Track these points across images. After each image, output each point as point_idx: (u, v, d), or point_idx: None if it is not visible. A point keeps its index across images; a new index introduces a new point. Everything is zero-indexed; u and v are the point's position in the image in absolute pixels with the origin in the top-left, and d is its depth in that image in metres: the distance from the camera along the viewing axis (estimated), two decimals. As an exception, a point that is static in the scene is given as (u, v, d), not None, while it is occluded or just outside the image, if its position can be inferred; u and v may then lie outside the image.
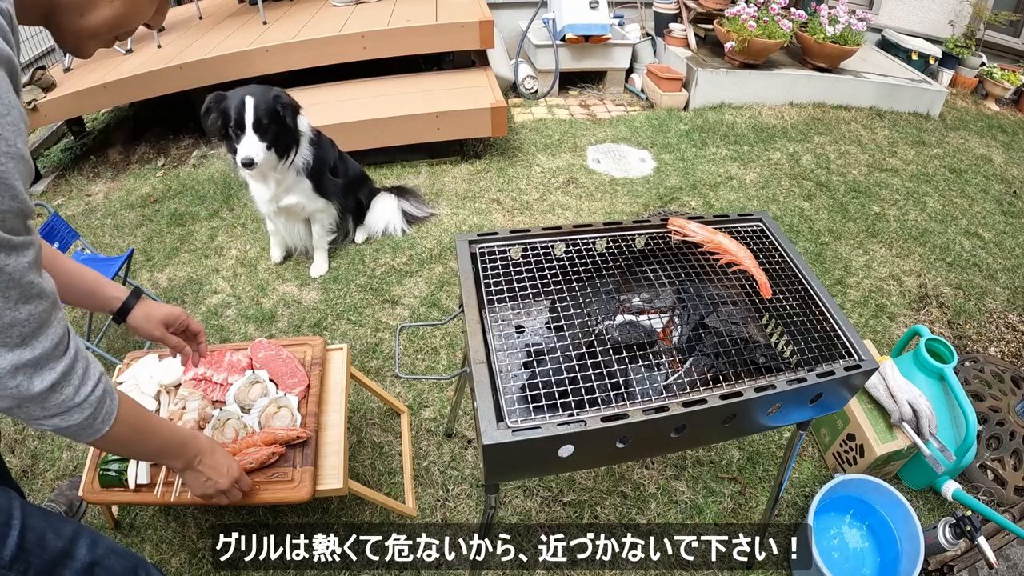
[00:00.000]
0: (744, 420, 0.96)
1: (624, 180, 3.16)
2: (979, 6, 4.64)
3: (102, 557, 0.88)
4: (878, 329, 2.35)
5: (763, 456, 1.83)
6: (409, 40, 3.25)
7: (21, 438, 1.80)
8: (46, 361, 0.71)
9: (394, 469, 1.75)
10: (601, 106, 4.03)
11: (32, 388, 0.70)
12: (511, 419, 0.83)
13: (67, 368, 0.73)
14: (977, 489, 1.78)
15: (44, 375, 0.71)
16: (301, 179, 2.23)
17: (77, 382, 0.75)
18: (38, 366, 0.70)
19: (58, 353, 0.72)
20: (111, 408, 0.82)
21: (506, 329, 1.04)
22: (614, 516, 1.66)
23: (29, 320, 0.67)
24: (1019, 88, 4.60)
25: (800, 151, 3.55)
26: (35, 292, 0.68)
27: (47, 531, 0.83)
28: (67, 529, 0.86)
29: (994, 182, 3.51)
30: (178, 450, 1.02)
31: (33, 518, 0.82)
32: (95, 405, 0.78)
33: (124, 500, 1.26)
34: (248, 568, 1.50)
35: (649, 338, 1.03)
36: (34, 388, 0.70)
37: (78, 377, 0.75)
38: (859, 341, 1.00)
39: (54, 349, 0.71)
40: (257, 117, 1.96)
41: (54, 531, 0.84)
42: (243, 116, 1.96)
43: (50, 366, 0.71)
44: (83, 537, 0.87)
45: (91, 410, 0.77)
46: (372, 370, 2.05)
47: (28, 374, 0.69)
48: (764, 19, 3.81)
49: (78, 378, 0.75)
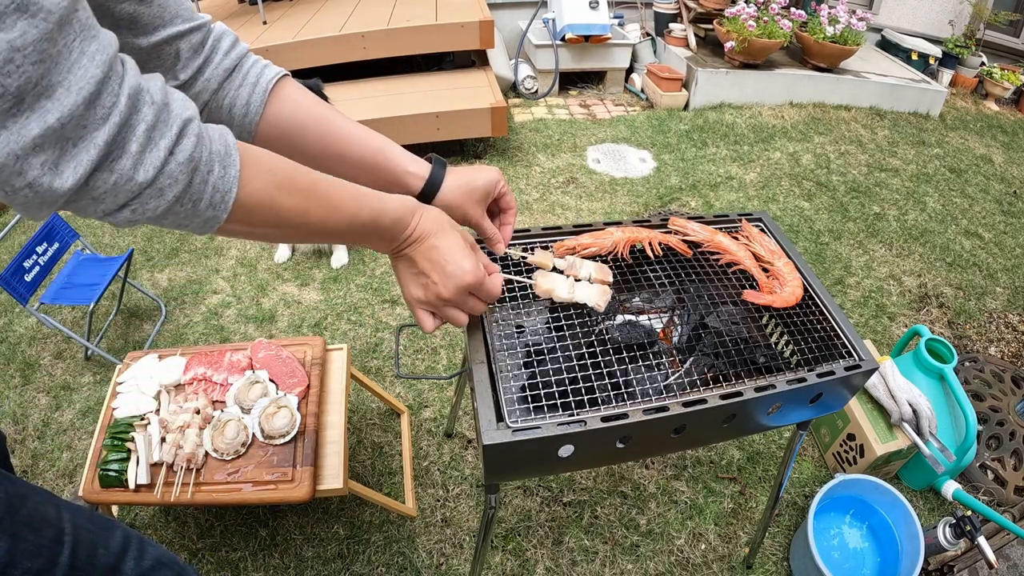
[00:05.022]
0: (744, 420, 0.96)
1: (624, 180, 3.16)
2: (979, 6, 4.64)
3: (148, 571, 0.81)
4: (878, 329, 2.35)
5: (763, 456, 1.83)
6: (409, 40, 3.25)
7: (21, 438, 1.80)
8: (73, 132, 0.41)
9: (394, 469, 1.75)
10: (601, 106, 4.03)
11: (57, 183, 0.41)
12: (511, 419, 0.83)
13: (116, 131, 0.43)
14: (977, 489, 1.78)
15: (75, 156, 0.41)
16: None
17: (136, 148, 0.44)
18: (58, 143, 0.40)
19: (97, 113, 0.42)
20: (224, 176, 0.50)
21: (506, 329, 1.04)
22: (614, 516, 1.66)
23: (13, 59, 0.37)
24: (1019, 88, 4.60)
25: (800, 151, 3.55)
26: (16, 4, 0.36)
27: (97, 545, 0.76)
28: (116, 540, 0.79)
29: (994, 182, 3.51)
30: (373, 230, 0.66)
31: (83, 531, 0.75)
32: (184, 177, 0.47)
33: (124, 500, 1.25)
34: (248, 568, 1.50)
35: (649, 338, 1.03)
36: (63, 183, 0.41)
37: (138, 138, 0.44)
38: (859, 341, 1.00)
39: (86, 107, 0.41)
40: None
41: (104, 544, 0.77)
42: None
43: (82, 139, 0.41)
44: (131, 549, 0.80)
45: (179, 188, 0.47)
46: (372, 370, 2.05)
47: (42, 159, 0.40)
48: (764, 19, 3.81)
49: (138, 141, 0.44)
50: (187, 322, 2.21)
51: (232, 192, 0.51)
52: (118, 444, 1.27)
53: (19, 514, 0.70)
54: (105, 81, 0.42)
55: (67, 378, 1.99)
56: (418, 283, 0.72)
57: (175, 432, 1.27)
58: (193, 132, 0.48)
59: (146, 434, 1.27)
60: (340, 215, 0.61)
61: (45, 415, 1.87)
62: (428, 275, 0.70)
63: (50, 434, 1.81)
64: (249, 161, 0.53)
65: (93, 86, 0.41)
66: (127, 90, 0.44)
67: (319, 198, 0.59)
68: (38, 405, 1.90)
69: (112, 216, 0.46)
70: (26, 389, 1.95)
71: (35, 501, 0.73)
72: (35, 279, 1.85)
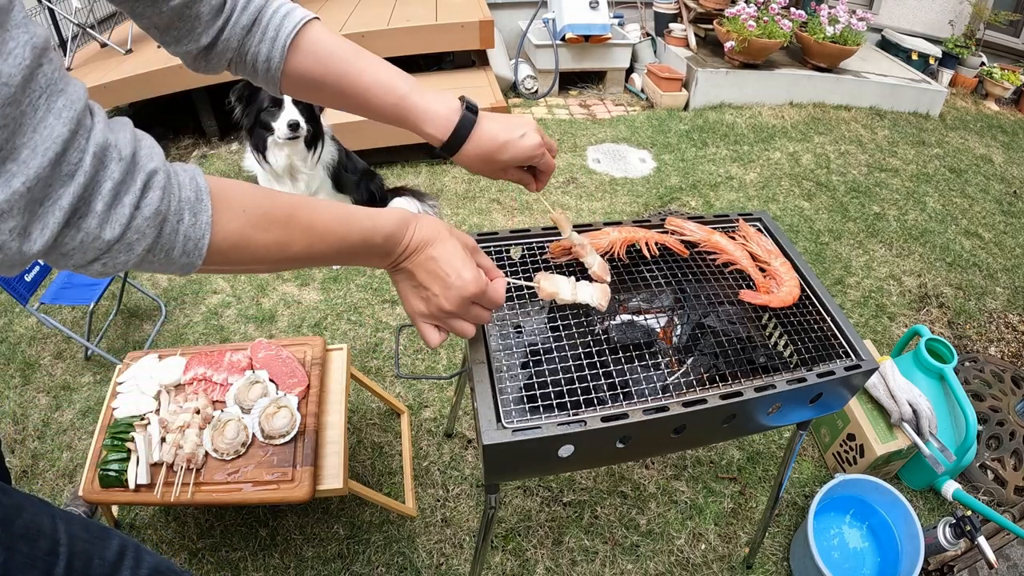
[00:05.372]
0: (744, 420, 0.96)
1: (624, 180, 3.16)
2: (979, 6, 4.64)
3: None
4: (878, 329, 2.35)
5: (763, 456, 1.83)
6: (409, 40, 3.25)
7: (21, 438, 1.80)
8: (40, 192, 0.40)
9: (394, 469, 1.75)
10: (601, 106, 4.03)
11: (26, 247, 0.40)
12: (511, 419, 0.83)
13: (81, 191, 0.42)
14: (977, 489, 1.78)
15: (42, 217, 0.40)
16: (326, 178, 2.33)
17: (102, 206, 0.43)
18: (27, 206, 0.39)
19: (63, 171, 0.41)
20: (196, 224, 0.49)
21: (505, 329, 1.04)
22: (614, 516, 1.66)
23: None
24: (1019, 88, 4.60)
25: (800, 151, 3.55)
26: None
27: (93, 556, 0.74)
28: (111, 550, 0.77)
29: (994, 182, 3.51)
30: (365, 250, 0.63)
31: (79, 541, 0.73)
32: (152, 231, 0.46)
33: (124, 500, 1.25)
34: (248, 568, 1.50)
35: (649, 338, 1.03)
36: (31, 246, 0.40)
37: (103, 197, 0.43)
38: (859, 341, 1.00)
39: (52, 168, 0.40)
40: None
41: (99, 554, 0.75)
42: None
43: (48, 198, 0.40)
44: (127, 558, 0.78)
45: (148, 241, 0.46)
46: (372, 370, 2.05)
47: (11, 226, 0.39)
48: (764, 19, 3.81)
49: (103, 199, 0.43)
50: (187, 322, 2.21)
51: (205, 239, 0.50)
52: (118, 444, 1.27)
53: (14, 526, 0.69)
54: (72, 139, 0.41)
55: (67, 378, 1.99)
56: (419, 296, 0.69)
57: (175, 432, 1.27)
58: (158, 185, 0.46)
59: (146, 434, 1.27)
60: (327, 240, 0.60)
61: (45, 415, 1.87)
62: (428, 287, 0.67)
63: (50, 434, 1.81)
64: (221, 203, 0.51)
65: (59, 146, 0.40)
66: (93, 147, 0.42)
67: (300, 228, 0.57)
68: (38, 405, 1.90)
69: (84, 268, 0.45)
70: (26, 389, 1.96)
71: (31, 512, 0.72)
72: (35, 279, 1.85)
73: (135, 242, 0.45)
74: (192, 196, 0.49)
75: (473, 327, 0.72)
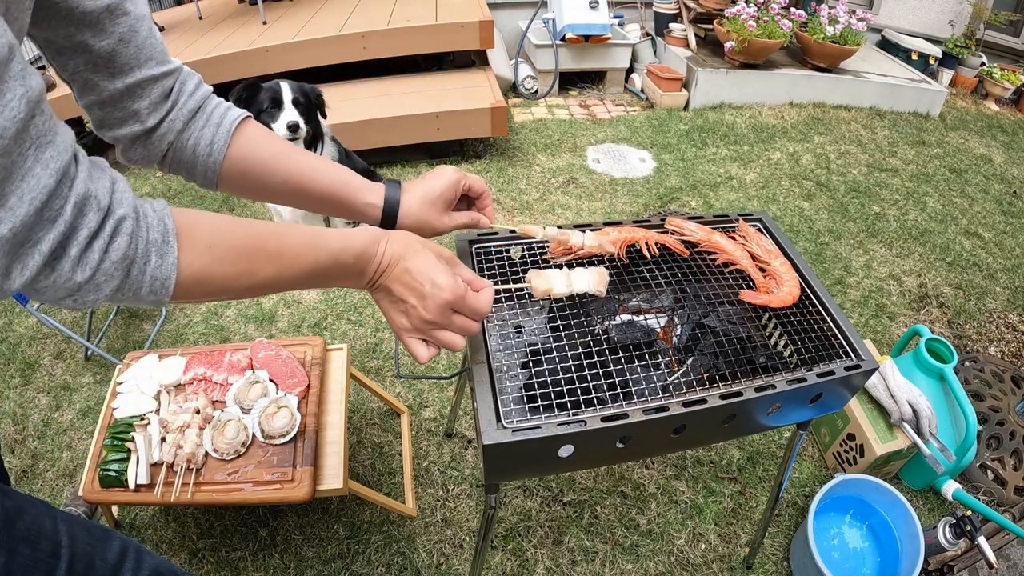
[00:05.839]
0: (744, 420, 0.96)
1: (624, 180, 3.16)
2: (979, 6, 4.64)
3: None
4: (878, 329, 2.35)
5: (763, 456, 1.83)
6: (409, 40, 3.25)
7: (21, 438, 1.80)
8: (23, 236, 0.43)
9: (394, 469, 1.75)
10: (601, 106, 4.03)
11: (6, 286, 0.44)
12: (511, 419, 0.83)
13: (61, 237, 0.45)
14: (977, 489, 1.78)
15: (22, 259, 0.43)
16: None
17: (76, 251, 0.46)
18: (11, 250, 0.43)
19: (45, 216, 0.44)
20: (162, 265, 0.51)
21: (505, 329, 1.04)
22: (614, 516, 1.66)
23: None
24: (1019, 88, 4.60)
25: (800, 151, 3.55)
26: None
27: (95, 557, 0.74)
28: (113, 551, 0.77)
29: (994, 182, 3.51)
30: (337, 271, 0.65)
31: (80, 543, 0.73)
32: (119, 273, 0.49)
33: (124, 500, 1.25)
34: (248, 568, 1.50)
35: (649, 338, 1.03)
36: (11, 285, 0.44)
37: (79, 243, 0.46)
38: (859, 341, 1.00)
39: (36, 215, 0.43)
40: (294, 95, 2.15)
41: (101, 556, 0.75)
42: (280, 95, 2.14)
43: (30, 241, 0.43)
44: (128, 559, 0.78)
45: (116, 283, 0.49)
46: (372, 370, 2.05)
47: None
48: (764, 19, 3.81)
49: (79, 245, 0.46)
50: (187, 322, 2.21)
51: (171, 279, 0.52)
52: (118, 444, 1.27)
53: (16, 528, 0.69)
54: (56, 188, 0.44)
55: (67, 378, 1.99)
56: (399, 311, 0.69)
57: (175, 432, 1.27)
58: (126, 231, 0.49)
59: (146, 434, 1.27)
60: (298, 265, 0.61)
61: (45, 415, 1.87)
62: (406, 300, 0.68)
63: (50, 434, 1.81)
64: (187, 243, 0.53)
65: (45, 195, 0.43)
66: (75, 197, 0.45)
67: (268, 257, 0.59)
68: (38, 405, 1.90)
69: (56, 303, 0.49)
70: (26, 389, 1.96)
71: (32, 514, 0.72)
72: (35, 279, 1.84)
73: (103, 283, 0.48)
74: (159, 238, 0.52)
75: (461, 339, 0.71)
